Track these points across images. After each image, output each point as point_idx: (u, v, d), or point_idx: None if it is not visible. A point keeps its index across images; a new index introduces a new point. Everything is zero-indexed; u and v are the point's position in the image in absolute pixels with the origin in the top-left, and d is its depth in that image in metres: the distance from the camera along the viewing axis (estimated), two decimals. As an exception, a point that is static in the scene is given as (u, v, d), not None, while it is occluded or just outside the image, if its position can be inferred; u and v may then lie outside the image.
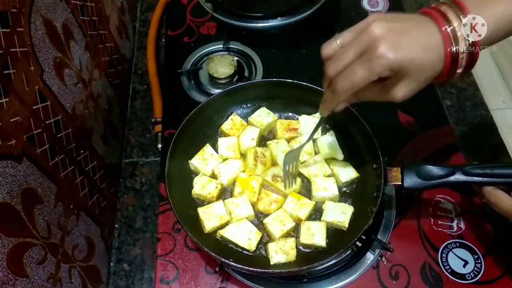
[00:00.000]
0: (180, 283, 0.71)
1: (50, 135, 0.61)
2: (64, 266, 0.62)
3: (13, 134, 0.51)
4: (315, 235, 0.68)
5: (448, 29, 0.49)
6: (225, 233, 0.69)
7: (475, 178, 0.64)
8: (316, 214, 0.73)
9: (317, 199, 0.73)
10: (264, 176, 0.74)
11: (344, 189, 0.75)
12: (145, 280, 0.77)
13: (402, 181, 0.66)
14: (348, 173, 0.74)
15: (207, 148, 0.77)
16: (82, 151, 0.73)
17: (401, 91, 0.51)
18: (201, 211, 0.71)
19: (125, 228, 0.83)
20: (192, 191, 0.74)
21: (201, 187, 0.73)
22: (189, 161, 0.77)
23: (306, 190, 0.75)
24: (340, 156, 0.77)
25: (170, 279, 0.72)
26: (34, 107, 0.57)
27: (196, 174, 0.76)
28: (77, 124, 0.72)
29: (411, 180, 0.66)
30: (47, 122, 0.60)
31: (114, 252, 0.80)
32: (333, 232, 0.70)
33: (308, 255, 0.69)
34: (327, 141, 0.78)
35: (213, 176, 0.76)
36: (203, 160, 0.76)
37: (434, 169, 0.66)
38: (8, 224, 0.49)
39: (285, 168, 0.71)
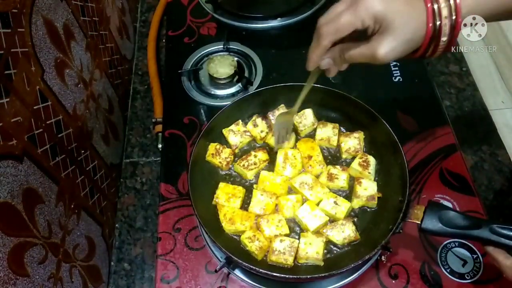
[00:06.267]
0: (180, 282, 0.72)
1: (51, 135, 0.61)
2: (64, 265, 0.62)
3: (14, 134, 0.51)
4: (345, 231, 0.69)
5: None
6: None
7: (503, 239, 0.57)
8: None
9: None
10: (293, 183, 0.74)
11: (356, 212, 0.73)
12: (146, 279, 0.78)
13: (422, 220, 0.62)
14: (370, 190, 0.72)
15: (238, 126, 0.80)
16: (82, 151, 0.73)
17: (383, 48, 0.53)
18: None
19: (125, 228, 0.83)
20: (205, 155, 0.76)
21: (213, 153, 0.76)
22: (223, 130, 0.80)
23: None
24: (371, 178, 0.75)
25: (170, 278, 0.72)
26: (35, 107, 0.57)
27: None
28: (78, 124, 0.72)
29: (431, 223, 0.62)
30: (48, 122, 0.61)
31: (115, 251, 0.81)
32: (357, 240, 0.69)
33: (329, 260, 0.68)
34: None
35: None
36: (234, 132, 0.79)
37: (459, 218, 0.61)
38: (9, 224, 0.49)
39: (276, 130, 0.76)
